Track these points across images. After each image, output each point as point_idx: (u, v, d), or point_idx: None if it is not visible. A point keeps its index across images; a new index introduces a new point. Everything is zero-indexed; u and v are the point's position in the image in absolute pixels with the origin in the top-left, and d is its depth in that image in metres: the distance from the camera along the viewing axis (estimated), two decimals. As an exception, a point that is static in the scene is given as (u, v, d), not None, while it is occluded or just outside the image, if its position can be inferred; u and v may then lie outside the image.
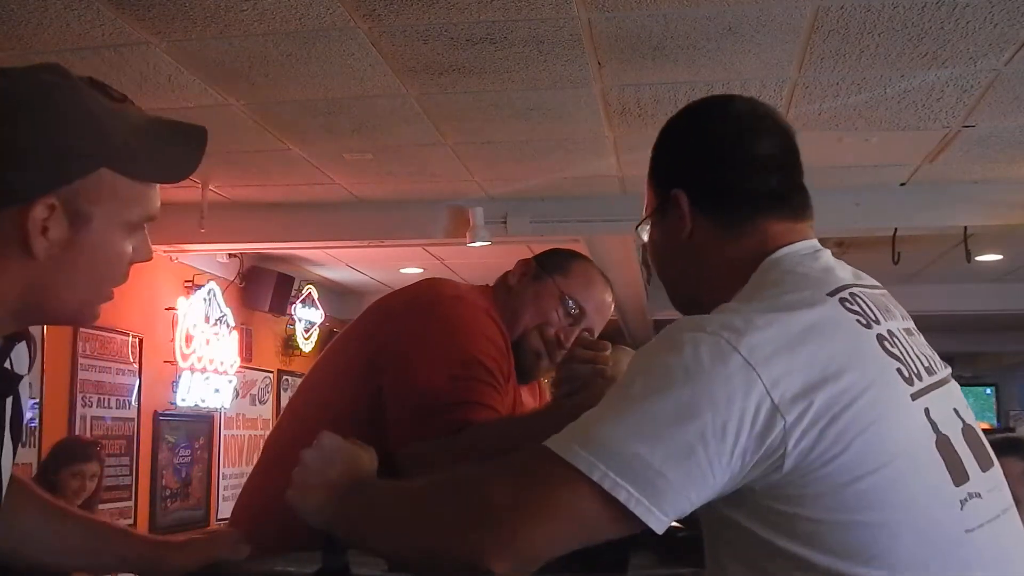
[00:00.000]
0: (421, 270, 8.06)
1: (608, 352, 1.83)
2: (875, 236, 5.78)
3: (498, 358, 1.86)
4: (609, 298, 2.06)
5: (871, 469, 1.04)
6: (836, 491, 1.03)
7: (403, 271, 8.13)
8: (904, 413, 1.09)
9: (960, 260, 6.26)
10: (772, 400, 1.02)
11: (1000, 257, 7.43)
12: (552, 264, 2.05)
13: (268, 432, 2.20)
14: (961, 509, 1.08)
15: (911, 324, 1.26)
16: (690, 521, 1.48)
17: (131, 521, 5.84)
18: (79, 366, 5.40)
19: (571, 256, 2.10)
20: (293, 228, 5.98)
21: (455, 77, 3.82)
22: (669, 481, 1.02)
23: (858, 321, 1.13)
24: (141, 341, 6.00)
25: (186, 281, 6.52)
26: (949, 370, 1.25)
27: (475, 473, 1.13)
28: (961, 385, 1.30)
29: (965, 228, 5.79)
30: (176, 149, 1.17)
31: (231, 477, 7.26)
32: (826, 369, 1.05)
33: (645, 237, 1.35)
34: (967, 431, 1.16)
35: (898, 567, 1.03)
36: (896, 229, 5.72)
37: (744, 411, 1.02)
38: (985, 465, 1.15)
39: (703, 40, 3.47)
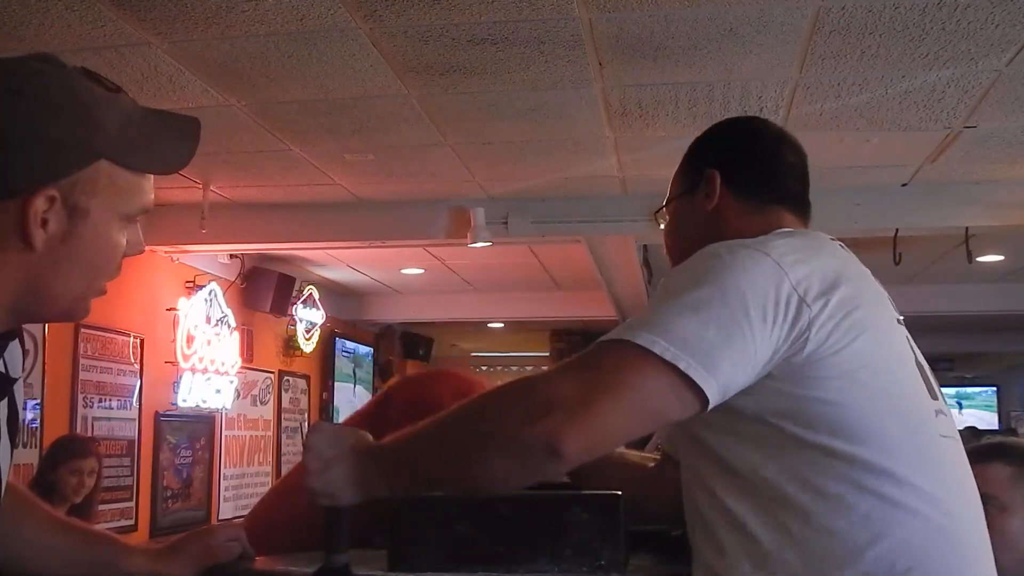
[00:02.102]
0: (422, 271, 8.07)
1: None
2: (876, 236, 5.77)
3: None
4: None
5: (868, 362, 1.22)
6: (842, 376, 1.20)
7: (404, 272, 8.13)
8: (894, 331, 1.32)
9: (961, 261, 6.25)
10: (799, 295, 1.20)
11: (1001, 258, 7.43)
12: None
13: (269, 433, 2.18)
14: (935, 418, 1.28)
15: None
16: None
17: (132, 521, 5.85)
18: (80, 367, 5.41)
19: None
20: (294, 229, 5.98)
21: (456, 78, 3.82)
22: (721, 352, 1.16)
23: (855, 260, 1.38)
24: (142, 342, 6.00)
25: (187, 282, 6.53)
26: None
27: (535, 375, 1.23)
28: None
29: (966, 229, 5.79)
30: (171, 140, 1.16)
31: (232, 478, 7.27)
32: (838, 276, 1.24)
33: (663, 223, 1.59)
34: (922, 366, 1.36)
35: (888, 448, 1.20)
36: (897, 230, 5.72)
37: (778, 300, 1.19)
38: (936, 395, 1.35)
39: (704, 41, 3.47)
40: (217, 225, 5.64)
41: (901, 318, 1.38)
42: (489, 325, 10.50)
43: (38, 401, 4.97)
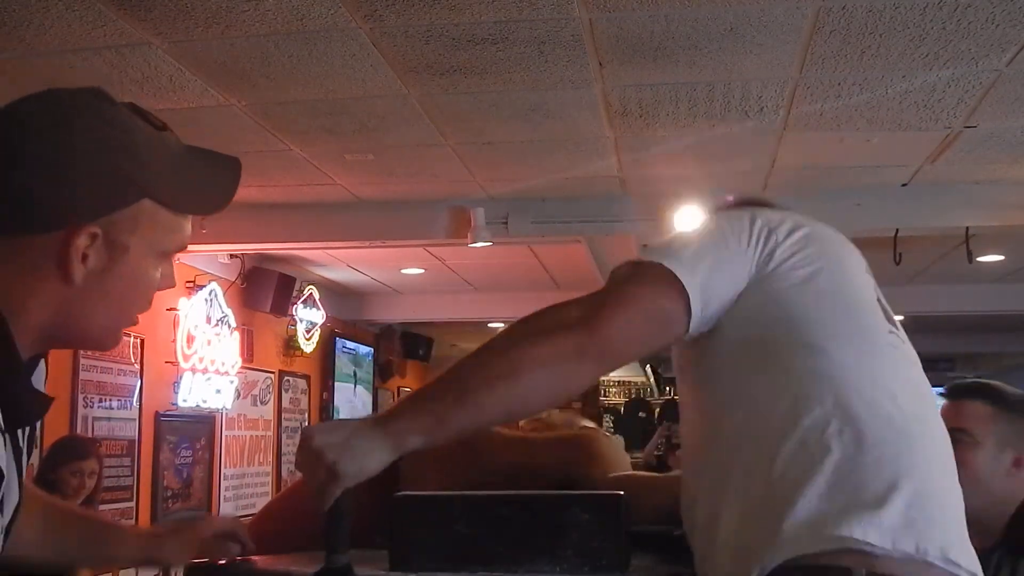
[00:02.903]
0: (422, 270, 8.07)
1: None
2: (876, 237, 5.77)
3: None
4: None
5: (824, 276, 1.38)
6: (799, 283, 1.36)
7: (404, 272, 8.13)
8: (860, 272, 1.46)
9: (961, 261, 6.25)
10: (768, 227, 1.41)
11: (1001, 258, 7.43)
12: None
13: (270, 433, 2.17)
14: (888, 333, 1.39)
15: None
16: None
17: (132, 522, 5.84)
18: (80, 367, 5.41)
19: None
20: (294, 229, 5.98)
21: (456, 78, 3.82)
22: (702, 261, 1.36)
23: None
24: (142, 342, 6.00)
25: (187, 282, 6.52)
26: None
27: (553, 306, 1.38)
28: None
29: (967, 229, 5.79)
30: (213, 180, 1.17)
31: (232, 478, 7.27)
32: (808, 227, 1.44)
33: None
34: (881, 301, 1.48)
35: (825, 332, 1.33)
36: (897, 230, 5.72)
37: (751, 232, 1.40)
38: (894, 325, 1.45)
39: (704, 40, 3.47)
40: (217, 225, 5.61)
41: (877, 292, 1.47)
42: (489, 325, 10.49)
43: (38, 401, 4.97)
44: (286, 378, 8.25)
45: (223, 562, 1.52)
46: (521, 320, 1.36)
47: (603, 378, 12.80)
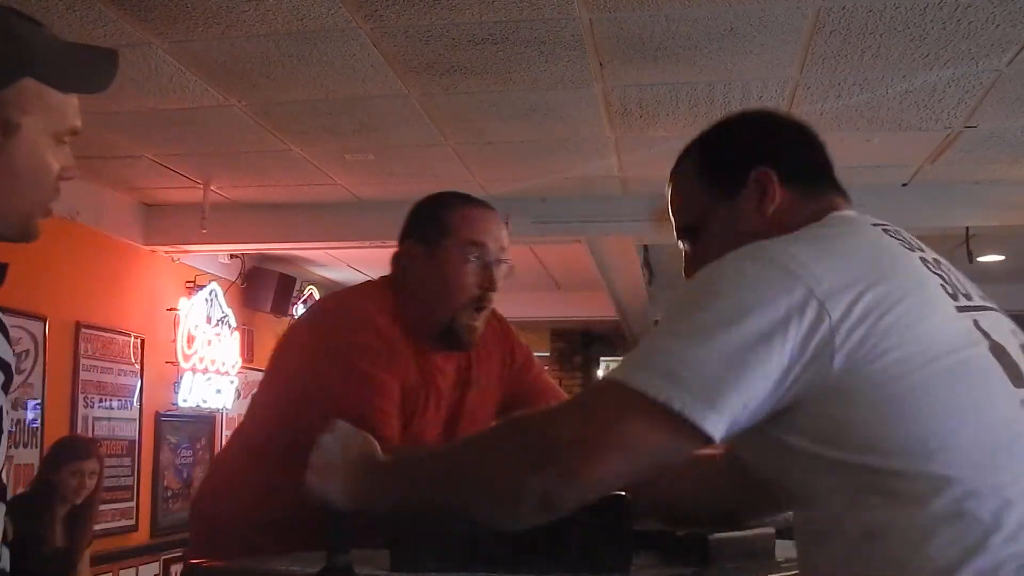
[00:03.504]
0: (422, 271, 8.07)
1: None
2: (877, 236, 5.76)
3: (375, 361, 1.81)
4: (495, 214, 1.95)
5: (921, 364, 1.05)
6: (888, 386, 1.04)
7: (404, 272, 8.13)
8: (950, 319, 1.11)
9: (962, 261, 6.24)
10: (816, 298, 1.05)
11: (1002, 258, 7.42)
12: (431, 231, 1.91)
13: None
14: (1021, 407, 1.08)
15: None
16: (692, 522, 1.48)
17: (132, 521, 5.84)
18: (81, 367, 5.40)
19: (438, 208, 1.94)
20: (294, 229, 5.98)
21: (456, 78, 3.82)
22: (724, 383, 1.05)
23: (900, 244, 1.20)
24: (143, 342, 6.00)
25: (187, 282, 6.52)
26: (999, 307, 1.25)
27: (534, 415, 1.18)
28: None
29: (967, 229, 5.79)
30: (93, 64, 1.24)
31: (233, 478, 7.25)
32: (869, 273, 1.09)
33: (685, 247, 1.39)
34: (1003, 349, 1.14)
35: (958, 461, 1.03)
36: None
37: (790, 311, 1.05)
38: None
39: (704, 41, 3.47)
40: (218, 225, 5.64)
41: (970, 303, 1.18)
42: (489, 325, 10.49)
43: (38, 401, 4.96)
44: (286, 378, 8.23)
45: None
46: (508, 431, 1.21)
47: (603, 378, 12.78)
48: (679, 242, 1.40)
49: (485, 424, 1.89)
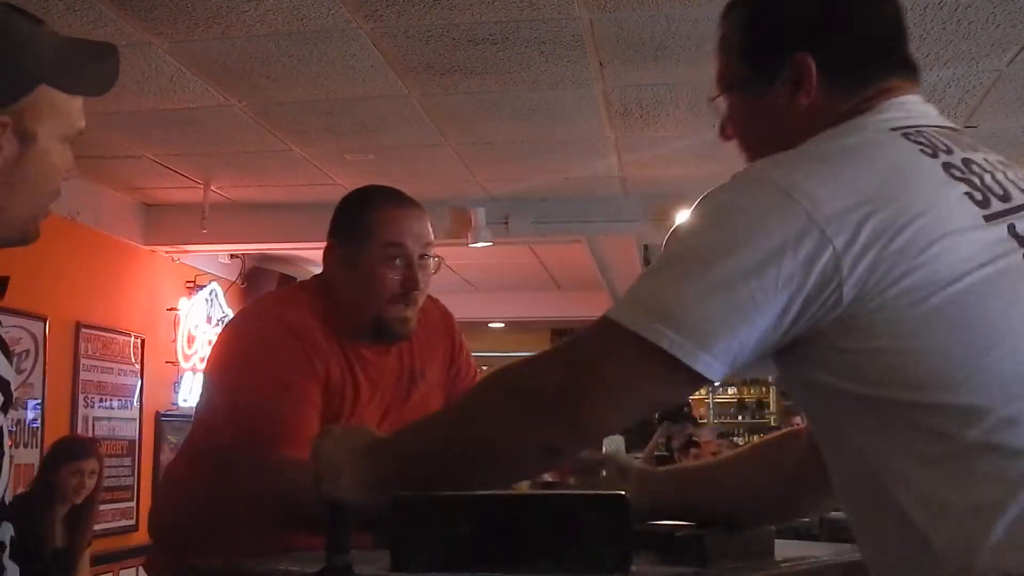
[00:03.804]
0: (423, 271, 8.07)
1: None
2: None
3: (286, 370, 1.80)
4: (416, 211, 1.94)
5: (941, 286, 0.95)
6: (907, 312, 0.95)
7: (405, 272, 8.13)
8: (976, 231, 0.99)
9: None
10: (817, 224, 0.96)
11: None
12: (351, 232, 1.91)
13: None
14: None
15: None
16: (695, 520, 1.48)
17: (133, 521, 5.84)
18: (81, 367, 5.40)
19: (358, 207, 1.95)
20: (295, 229, 5.98)
21: (457, 78, 3.82)
22: (718, 321, 0.98)
23: (921, 151, 1.06)
24: (143, 342, 6.00)
25: (188, 282, 6.52)
26: None
27: (522, 365, 1.14)
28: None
29: (967, 228, 5.78)
30: (96, 64, 1.24)
31: (233, 477, 7.26)
32: (879, 192, 0.98)
33: (721, 110, 1.29)
34: None
35: (990, 388, 0.94)
36: (898, 229, 5.72)
37: (785, 239, 0.97)
38: None
39: (705, 40, 3.46)
40: (218, 225, 5.64)
41: (1007, 205, 1.03)
42: (490, 325, 10.50)
43: (39, 401, 4.97)
44: (286, 378, 8.24)
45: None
46: (498, 384, 1.16)
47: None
48: (710, 103, 1.30)
49: None
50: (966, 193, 1.02)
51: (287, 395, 1.77)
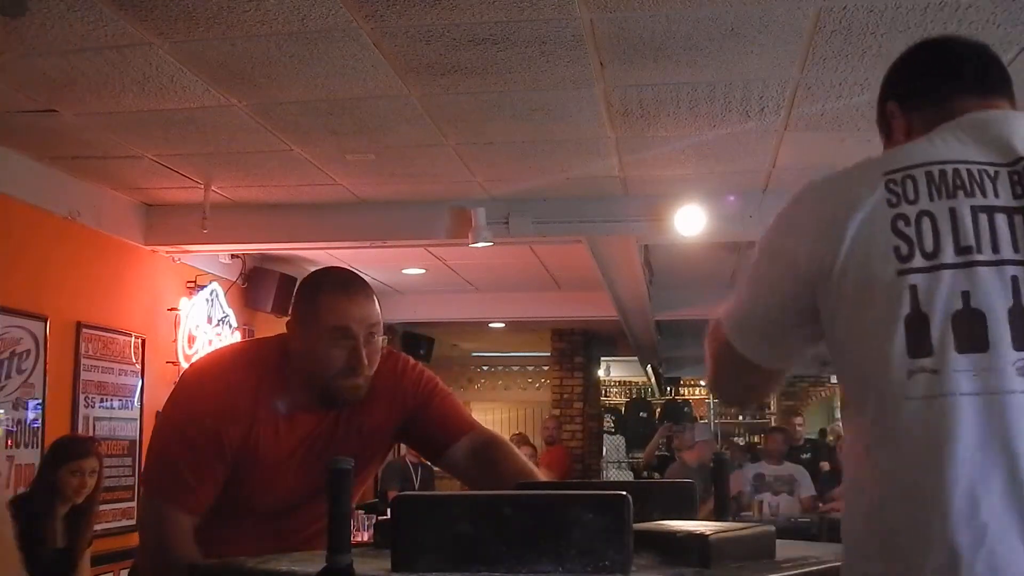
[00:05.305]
0: (423, 271, 8.07)
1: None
2: (877, 236, 5.76)
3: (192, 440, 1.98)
4: (361, 297, 2.03)
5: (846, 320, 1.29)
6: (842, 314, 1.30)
7: (405, 272, 8.13)
8: (884, 283, 1.25)
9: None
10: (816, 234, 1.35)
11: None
12: (302, 313, 2.05)
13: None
14: (908, 379, 1.21)
15: None
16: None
17: (133, 521, 5.84)
18: (81, 367, 5.40)
19: (309, 291, 2.08)
20: (295, 229, 5.99)
21: (457, 78, 3.82)
22: (741, 313, 1.41)
23: (888, 200, 1.30)
24: (143, 342, 6.00)
25: (188, 282, 6.52)
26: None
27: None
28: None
29: (967, 228, 5.78)
30: None
31: (233, 477, 7.25)
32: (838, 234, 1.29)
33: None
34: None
35: (854, 404, 1.29)
36: (898, 230, 5.71)
37: (799, 243, 1.36)
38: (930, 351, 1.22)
39: (705, 41, 3.47)
40: (218, 225, 5.64)
41: (938, 261, 1.25)
42: (490, 325, 10.49)
43: (39, 401, 4.97)
44: (287, 378, 8.23)
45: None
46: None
47: (604, 378, 12.79)
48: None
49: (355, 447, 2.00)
50: (895, 247, 1.25)
51: (188, 454, 1.96)
